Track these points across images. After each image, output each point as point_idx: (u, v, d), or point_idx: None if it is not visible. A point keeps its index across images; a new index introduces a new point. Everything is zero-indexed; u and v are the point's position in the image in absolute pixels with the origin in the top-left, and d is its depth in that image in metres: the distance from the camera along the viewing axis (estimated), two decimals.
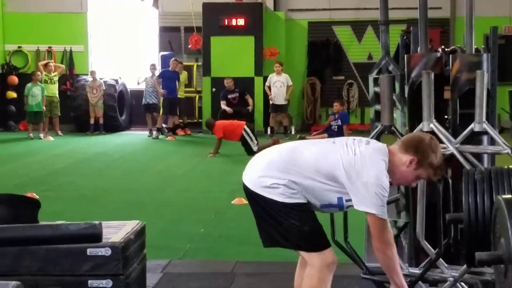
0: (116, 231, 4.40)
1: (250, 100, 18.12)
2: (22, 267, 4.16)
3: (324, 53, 19.88)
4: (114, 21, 20.46)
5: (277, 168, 3.94)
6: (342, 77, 19.95)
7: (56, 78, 18.48)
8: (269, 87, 18.11)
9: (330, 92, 19.71)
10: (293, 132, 18.63)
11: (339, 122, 17.09)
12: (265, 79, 18.56)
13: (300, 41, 19.96)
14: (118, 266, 4.17)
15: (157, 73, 18.10)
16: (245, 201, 8.96)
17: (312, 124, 19.27)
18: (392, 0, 4.93)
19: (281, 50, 19.43)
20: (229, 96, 17.95)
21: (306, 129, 19.05)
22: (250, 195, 4.05)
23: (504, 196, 3.08)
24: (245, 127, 14.27)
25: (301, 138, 17.39)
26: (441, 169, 3.93)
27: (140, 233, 4.57)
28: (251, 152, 13.37)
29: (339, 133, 16.97)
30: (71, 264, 4.16)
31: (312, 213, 3.98)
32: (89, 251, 4.14)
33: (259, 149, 13.90)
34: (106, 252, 4.16)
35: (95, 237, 2.86)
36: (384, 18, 4.82)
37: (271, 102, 18.13)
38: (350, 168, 3.82)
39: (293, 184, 3.90)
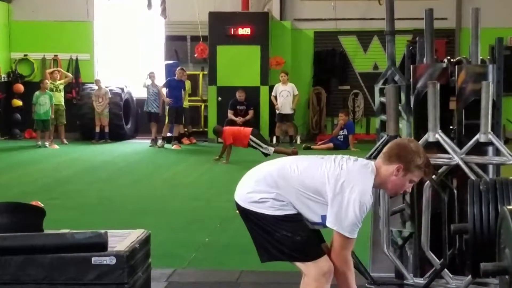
0: (121, 240, 4.40)
1: (250, 113, 18.08)
2: (27, 276, 4.16)
3: (329, 63, 19.89)
4: (121, 30, 20.51)
5: (266, 183, 4.00)
6: (348, 87, 19.96)
7: (61, 87, 18.54)
8: (275, 97, 18.12)
9: (335, 102, 19.72)
10: (298, 142, 18.63)
11: (345, 132, 17.12)
12: (271, 88, 18.57)
13: (306, 50, 19.98)
14: (123, 275, 4.17)
15: (156, 81, 18.10)
16: None
17: (318, 134, 19.27)
18: (398, 11, 4.94)
19: (287, 60, 19.45)
20: (238, 107, 18.03)
21: (311, 139, 19.06)
22: (242, 212, 4.10)
23: (509, 207, 3.08)
24: (251, 137, 14.32)
25: (306, 147, 17.44)
26: (429, 167, 3.92)
27: (145, 242, 4.57)
28: (266, 155, 13.82)
29: (345, 142, 17.00)
30: (76, 273, 4.16)
31: (303, 222, 3.99)
32: (94, 260, 4.14)
33: (276, 152, 14.19)
34: (111, 261, 4.16)
35: (100, 246, 2.86)
36: (390, 29, 4.83)
37: (277, 112, 18.13)
38: (335, 182, 3.84)
39: (281, 197, 3.94)
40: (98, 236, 2.82)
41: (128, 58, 20.44)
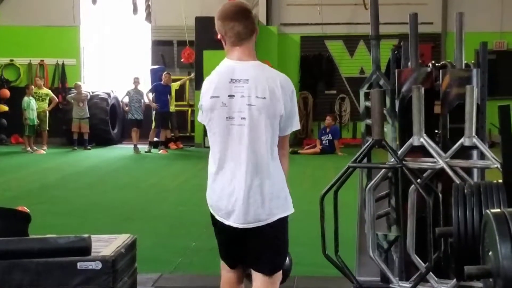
0: (107, 245, 4.40)
1: None
2: (12, 281, 4.15)
3: (316, 68, 19.99)
4: (107, 35, 20.49)
5: (267, 167, 3.65)
6: (334, 92, 20.04)
7: (45, 97, 18.25)
8: None
9: (322, 106, 19.80)
10: None
11: (330, 137, 17.16)
12: None
13: (292, 55, 20.05)
14: (109, 279, 4.17)
15: (140, 86, 18.01)
16: None
17: (304, 138, 19.32)
18: (384, 15, 4.97)
19: (274, 64, 19.44)
20: None
21: (298, 143, 19.09)
22: (252, 232, 3.67)
23: (492, 210, 3.09)
24: None
25: (293, 152, 17.46)
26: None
27: (131, 247, 4.57)
28: None
29: (330, 147, 17.04)
30: (61, 278, 4.16)
31: None
32: (80, 265, 4.14)
33: None
34: (96, 265, 4.16)
35: (84, 250, 2.85)
36: (375, 33, 4.85)
37: None
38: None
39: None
40: (81, 240, 2.82)
41: (115, 63, 20.42)
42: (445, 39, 19.23)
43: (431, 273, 4.45)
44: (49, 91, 18.46)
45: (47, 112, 18.18)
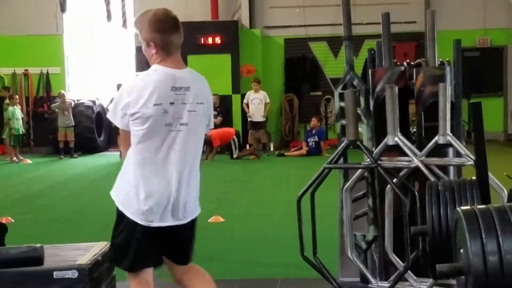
0: (84, 253, 4.38)
1: (218, 119, 18.01)
2: None
3: (301, 69, 20.00)
4: (91, 42, 20.43)
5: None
6: (320, 93, 20.04)
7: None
8: (247, 105, 18.16)
9: (308, 108, 19.80)
10: (271, 149, 18.67)
11: (316, 138, 17.16)
12: (242, 96, 18.60)
13: (276, 58, 20.06)
14: None
15: None
16: (222, 219, 9.02)
17: (291, 141, 19.32)
18: (367, 15, 4.98)
19: (258, 67, 19.50)
20: None
21: (285, 146, 19.10)
22: (189, 227, 4.03)
23: (462, 208, 3.10)
24: (235, 137, 16.91)
25: (279, 154, 17.47)
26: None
27: (108, 254, 4.54)
28: (232, 158, 16.83)
29: (317, 148, 17.04)
30: (38, 287, 4.13)
31: None
32: (56, 274, 4.12)
33: (238, 157, 16.73)
34: (73, 274, 4.14)
35: (36, 260, 2.83)
36: (347, 34, 4.85)
37: (249, 119, 18.17)
38: None
39: None
40: (33, 250, 2.80)
41: (99, 70, 20.37)
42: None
43: (410, 272, 4.45)
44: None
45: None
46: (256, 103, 18.12)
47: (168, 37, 3.85)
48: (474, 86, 19.45)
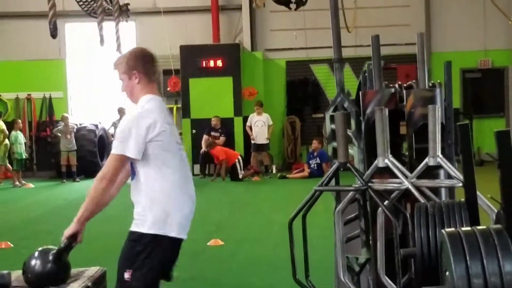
0: (75, 279, 4.37)
1: (221, 139, 18.23)
2: None
3: (302, 92, 20.04)
4: (93, 67, 20.52)
5: None
6: (322, 115, 19.99)
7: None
8: (250, 127, 18.20)
9: (310, 130, 19.81)
10: (274, 171, 18.66)
11: (318, 160, 17.16)
12: (244, 119, 18.64)
13: (278, 80, 20.11)
14: None
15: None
16: (221, 242, 9.01)
17: (293, 163, 19.31)
18: (368, 38, 5.00)
19: (260, 90, 19.55)
20: (212, 133, 18.19)
21: (287, 168, 19.09)
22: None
23: (447, 230, 3.10)
24: (239, 157, 17.12)
25: (282, 176, 17.45)
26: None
27: (99, 280, 4.54)
28: (236, 179, 17.00)
29: (319, 171, 17.03)
30: None
31: None
32: None
33: (243, 177, 16.99)
34: None
35: (3, 287, 2.83)
36: (337, 56, 4.86)
37: (252, 142, 18.20)
38: None
39: None
40: (0, 277, 2.80)
41: (102, 94, 20.44)
42: (430, 59, 19.33)
43: None
44: (0, 124, 18.05)
45: (3, 146, 17.80)
46: (259, 125, 18.16)
47: (149, 64, 4.23)
48: (476, 107, 19.47)
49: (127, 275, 4.08)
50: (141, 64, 4.19)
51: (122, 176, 4.24)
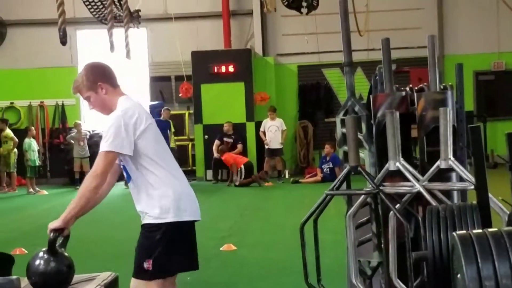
0: (86, 284, 4.38)
1: (239, 147, 18.25)
2: None
3: (314, 96, 20.04)
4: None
5: None
6: (334, 119, 19.91)
7: (5, 140, 18.03)
8: (264, 132, 18.21)
9: (322, 134, 19.80)
10: (287, 176, 18.64)
11: (331, 165, 17.13)
12: (257, 124, 18.64)
13: (290, 85, 20.11)
14: None
15: None
16: (234, 247, 9.00)
17: (306, 167, 19.29)
18: (378, 41, 4.98)
19: (272, 95, 19.54)
20: (225, 139, 18.19)
21: (300, 172, 19.07)
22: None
23: (458, 233, 3.08)
24: (242, 166, 17.21)
25: (294, 181, 17.44)
26: None
27: (111, 285, 4.55)
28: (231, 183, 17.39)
29: (332, 175, 17.00)
30: None
31: None
32: None
33: (240, 185, 17.00)
34: None
35: None
36: (347, 60, 4.85)
37: (266, 147, 18.21)
38: None
39: None
40: (9, 282, 2.81)
41: None
42: (443, 61, 19.28)
43: None
44: (9, 132, 18.20)
45: (13, 153, 17.99)
46: (273, 130, 18.17)
47: (108, 71, 4.32)
48: (490, 109, 19.38)
49: (146, 265, 4.15)
50: (102, 75, 4.24)
51: (111, 177, 4.30)
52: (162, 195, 4.12)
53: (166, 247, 4.12)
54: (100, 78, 4.23)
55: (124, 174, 4.24)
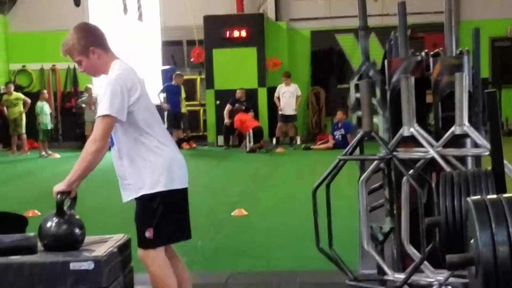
0: (100, 245, 4.40)
1: (251, 114, 18.23)
2: (7, 283, 4.15)
3: (327, 62, 19.90)
4: (117, 37, 20.50)
5: None
6: (347, 85, 19.77)
7: (16, 102, 18.15)
8: (278, 98, 18.16)
9: (335, 101, 19.70)
10: (298, 142, 18.63)
11: (343, 131, 17.09)
12: (269, 90, 18.59)
13: (302, 50, 19.98)
14: (102, 279, 4.15)
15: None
16: (245, 212, 9.02)
17: (318, 134, 19.26)
18: (393, 6, 4.93)
19: (284, 60, 19.45)
20: (237, 105, 18.16)
21: (311, 139, 19.04)
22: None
23: (473, 198, 3.06)
24: (251, 130, 17.03)
25: (306, 148, 17.43)
26: None
27: (124, 247, 4.56)
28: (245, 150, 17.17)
29: (344, 142, 16.97)
30: (54, 279, 4.15)
31: None
32: (72, 266, 4.12)
33: (250, 151, 16.86)
34: (89, 266, 4.15)
35: (29, 249, 2.85)
36: (363, 24, 4.81)
37: (280, 113, 18.17)
38: None
39: None
40: (26, 239, 2.82)
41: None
42: (459, 27, 19.08)
43: (427, 263, 4.41)
44: (20, 95, 18.29)
45: (23, 115, 18.09)
46: (287, 96, 18.13)
47: (99, 34, 4.19)
48: (505, 76, 19.18)
49: (148, 234, 4.19)
50: (93, 39, 4.11)
51: None
52: (152, 165, 4.09)
53: (164, 214, 4.16)
54: (92, 43, 4.12)
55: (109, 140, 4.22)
